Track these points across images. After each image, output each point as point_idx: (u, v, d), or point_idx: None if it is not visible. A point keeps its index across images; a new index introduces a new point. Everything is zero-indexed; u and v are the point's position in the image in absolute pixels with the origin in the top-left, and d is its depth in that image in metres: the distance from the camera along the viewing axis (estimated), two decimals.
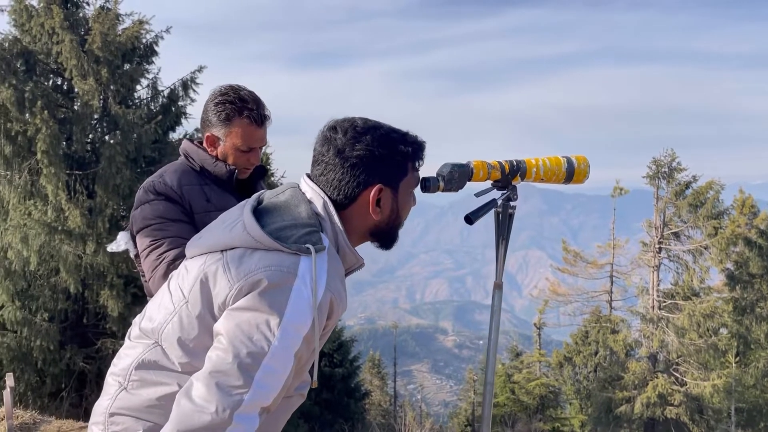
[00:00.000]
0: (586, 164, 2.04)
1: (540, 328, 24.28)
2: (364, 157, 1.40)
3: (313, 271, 1.29)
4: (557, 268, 22.60)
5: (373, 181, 1.42)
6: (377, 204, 1.43)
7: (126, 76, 9.62)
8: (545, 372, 24.18)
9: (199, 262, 1.39)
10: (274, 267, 1.28)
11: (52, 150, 8.59)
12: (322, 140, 1.44)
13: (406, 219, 1.54)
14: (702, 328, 17.35)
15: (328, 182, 1.42)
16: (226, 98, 2.13)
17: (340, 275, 1.39)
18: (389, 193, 1.45)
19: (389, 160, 1.43)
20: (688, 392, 17.47)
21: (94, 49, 9.06)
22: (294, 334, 1.27)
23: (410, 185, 1.50)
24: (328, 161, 1.41)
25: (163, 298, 1.45)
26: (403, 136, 1.47)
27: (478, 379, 28.60)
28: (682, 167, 18.67)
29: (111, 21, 9.43)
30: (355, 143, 1.40)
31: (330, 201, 1.41)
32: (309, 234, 1.33)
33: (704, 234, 17.94)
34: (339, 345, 19.41)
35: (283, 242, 1.31)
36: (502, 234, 2.05)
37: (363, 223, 1.46)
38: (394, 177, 1.45)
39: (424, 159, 1.52)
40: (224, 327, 1.27)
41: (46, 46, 9.36)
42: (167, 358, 1.37)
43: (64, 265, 8.82)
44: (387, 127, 1.46)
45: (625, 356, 19.57)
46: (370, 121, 1.47)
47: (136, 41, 9.77)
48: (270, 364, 1.24)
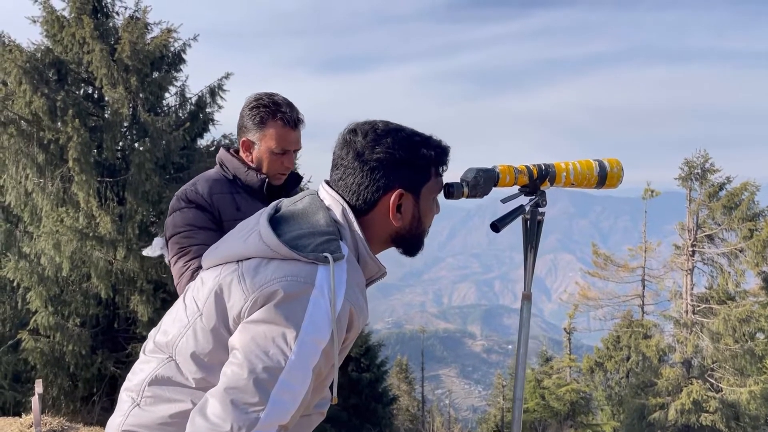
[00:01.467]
0: (619, 168, 1.94)
1: (570, 332, 23.96)
2: (385, 161, 1.34)
3: (331, 280, 1.23)
4: (587, 271, 22.27)
5: (394, 185, 1.36)
6: (398, 210, 1.37)
7: (155, 84, 9.75)
8: (576, 377, 23.86)
9: (214, 273, 1.35)
10: (291, 277, 1.23)
11: (83, 158, 8.73)
12: (341, 143, 1.39)
13: (429, 226, 1.48)
14: (738, 332, 16.91)
15: (347, 187, 1.36)
16: (260, 102, 2.17)
17: (360, 285, 1.33)
18: (411, 198, 1.39)
19: (411, 164, 1.37)
20: (724, 399, 17.05)
21: (124, 57, 9.20)
22: (312, 347, 1.21)
23: (433, 191, 1.44)
24: (348, 165, 1.36)
25: (178, 311, 1.40)
26: (425, 140, 1.41)
27: (507, 384, 28.34)
28: (715, 168, 18.27)
29: (140, 30, 9.58)
30: (375, 146, 1.34)
31: (349, 207, 1.36)
32: (327, 242, 1.28)
33: (739, 236, 17.50)
34: (366, 349, 19.39)
35: (300, 251, 1.25)
36: (531, 242, 1.96)
37: (384, 230, 1.40)
38: (415, 182, 1.39)
39: (447, 164, 1.46)
40: (239, 341, 1.22)
41: (77, 55, 9.53)
42: (181, 373, 1.32)
43: (95, 271, 8.96)
44: (409, 130, 1.41)
45: (659, 362, 19.18)
46: (391, 123, 1.41)
47: (164, 49, 9.91)
48: (287, 380, 1.19)
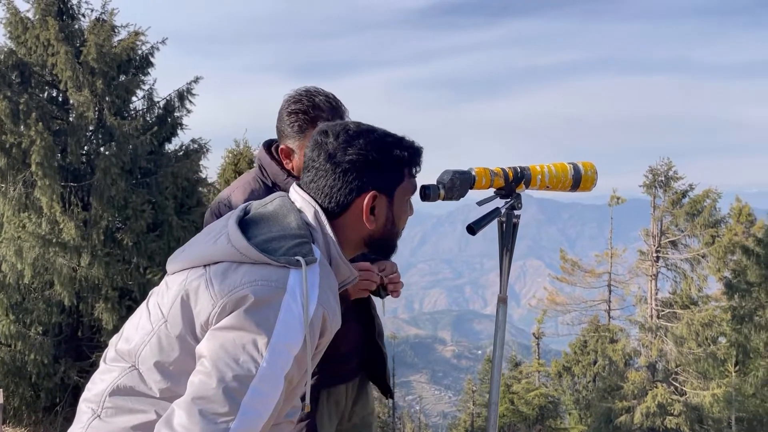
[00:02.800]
0: (593, 171, 1.96)
1: (539, 337, 24.22)
2: (357, 162, 1.32)
3: (303, 284, 1.20)
4: (555, 277, 22.57)
5: (367, 187, 1.34)
6: (371, 212, 1.36)
7: (121, 88, 9.60)
8: (544, 382, 24.11)
9: (180, 277, 1.29)
10: (261, 281, 1.19)
11: (46, 162, 8.55)
12: (312, 145, 1.36)
13: (403, 228, 1.46)
14: (701, 337, 17.30)
15: (319, 189, 1.34)
16: (299, 107, 1.97)
17: (333, 289, 1.30)
18: (384, 200, 1.37)
19: (384, 166, 1.35)
20: (688, 402, 17.40)
21: (90, 60, 9.05)
22: (284, 354, 1.18)
23: (407, 192, 1.42)
24: (319, 167, 1.34)
25: (141, 318, 1.34)
26: (398, 141, 1.39)
27: (477, 389, 28.49)
28: (678, 176, 18.71)
29: (106, 33, 9.43)
30: (348, 147, 1.32)
31: (321, 210, 1.33)
32: (299, 245, 1.24)
33: (701, 242, 17.93)
34: None
35: (271, 255, 1.21)
36: (506, 245, 1.96)
37: (357, 233, 1.38)
38: (389, 183, 1.37)
39: (421, 165, 1.45)
40: (207, 348, 1.17)
41: (42, 57, 9.34)
42: (144, 383, 1.26)
43: (58, 278, 8.76)
44: (381, 131, 1.39)
45: (624, 366, 19.51)
46: (363, 125, 1.40)
47: (131, 52, 9.77)
48: (258, 388, 1.15)
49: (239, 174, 12.22)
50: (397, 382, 33.10)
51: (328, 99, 2.01)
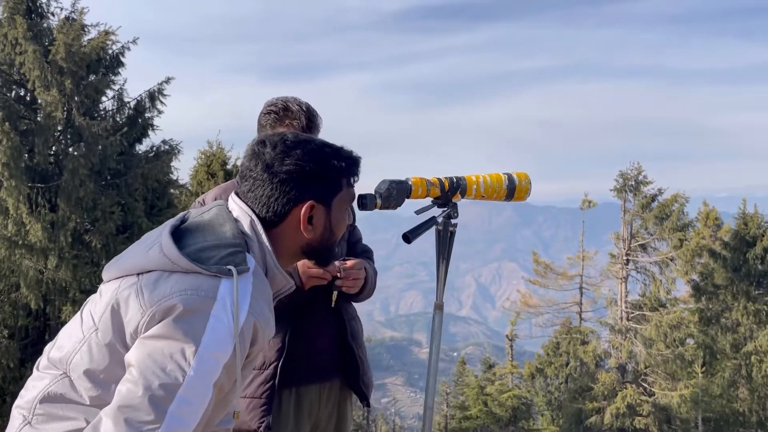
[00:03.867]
0: (527, 181, 2.02)
1: (512, 339, 24.37)
2: (294, 173, 1.33)
3: (234, 294, 1.21)
4: (528, 279, 22.78)
5: (305, 197, 1.35)
6: (309, 221, 1.37)
7: (91, 88, 9.50)
8: (517, 383, 24.27)
9: (113, 286, 1.30)
10: (191, 291, 1.20)
11: (12, 162, 8.43)
12: (250, 155, 1.37)
13: (341, 236, 1.48)
14: (669, 338, 17.58)
15: (257, 199, 1.34)
16: (271, 109, 2.15)
17: (266, 298, 1.31)
18: (322, 210, 1.38)
19: (321, 176, 1.37)
20: (657, 402, 17.67)
21: (58, 59, 8.94)
22: (212, 363, 1.19)
23: (345, 202, 1.44)
24: (257, 177, 1.34)
25: (74, 326, 1.34)
26: (336, 151, 1.41)
27: (450, 391, 28.59)
28: (648, 180, 19.02)
29: (76, 32, 9.33)
30: (285, 158, 1.33)
31: (258, 219, 1.34)
32: (232, 255, 1.25)
33: (670, 246, 18.25)
34: None
35: (203, 264, 1.22)
36: (443, 253, 2.00)
37: (295, 242, 1.39)
38: (326, 193, 1.38)
39: (359, 174, 1.46)
40: (135, 357, 1.18)
41: (9, 56, 9.21)
42: (75, 390, 1.27)
43: (24, 281, 8.63)
44: (319, 142, 1.41)
45: (595, 367, 19.75)
46: (301, 135, 1.41)
47: (101, 52, 9.68)
48: (185, 397, 1.15)
49: (212, 176, 12.13)
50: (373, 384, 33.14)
51: (300, 105, 2.15)
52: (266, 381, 2.09)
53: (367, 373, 2.31)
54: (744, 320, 18.53)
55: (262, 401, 2.07)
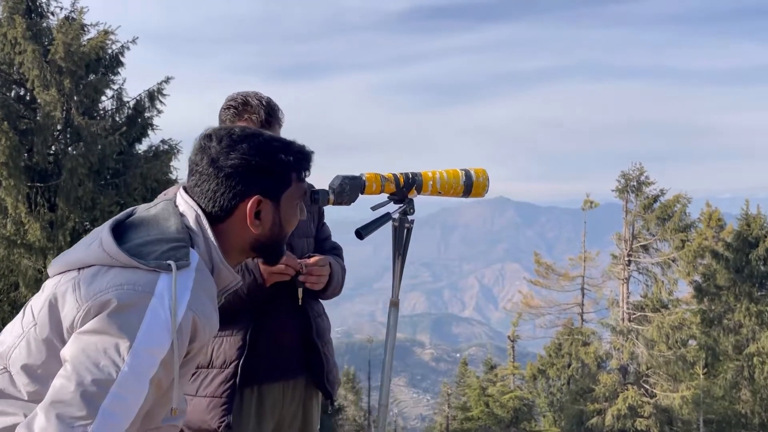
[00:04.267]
0: (485, 177, 1.99)
1: (514, 340, 24.33)
2: (240, 167, 1.31)
3: (173, 289, 1.19)
4: (530, 280, 22.74)
5: (251, 192, 1.33)
6: (256, 216, 1.35)
7: (90, 87, 9.51)
8: (519, 385, 24.23)
9: (54, 281, 1.29)
10: (127, 286, 1.19)
11: (11, 162, 8.43)
12: (196, 149, 1.35)
13: (290, 231, 1.46)
14: (671, 339, 17.53)
15: (203, 193, 1.33)
16: (230, 104, 2.14)
17: (209, 294, 1.30)
18: (270, 205, 1.36)
19: (269, 170, 1.35)
20: (658, 404, 17.61)
21: (57, 59, 8.95)
22: (148, 358, 1.17)
23: (295, 197, 1.42)
24: (202, 171, 1.33)
25: (16, 320, 1.33)
26: (285, 145, 1.39)
27: (452, 392, 28.56)
28: (650, 181, 18.97)
29: (75, 31, 9.33)
30: (231, 152, 1.32)
31: (203, 214, 1.32)
32: (174, 249, 1.24)
33: (672, 247, 18.18)
34: None
35: (143, 259, 1.22)
36: (399, 249, 1.96)
37: (242, 237, 1.37)
38: (274, 188, 1.37)
39: (310, 169, 1.45)
40: (70, 352, 1.17)
41: (9, 56, 9.22)
42: (14, 385, 1.25)
43: (23, 280, 8.64)
44: (267, 136, 1.39)
45: (597, 368, 19.70)
46: (249, 129, 1.39)
47: (101, 52, 9.69)
48: (119, 392, 1.14)
49: None
50: (374, 386, 33.01)
51: (260, 100, 2.13)
52: (227, 380, 2.06)
53: (332, 371, 2.28)
54: (746, 322, 18.45)
55: (223, 400, 2.05)
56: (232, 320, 2.07)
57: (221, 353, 2.08)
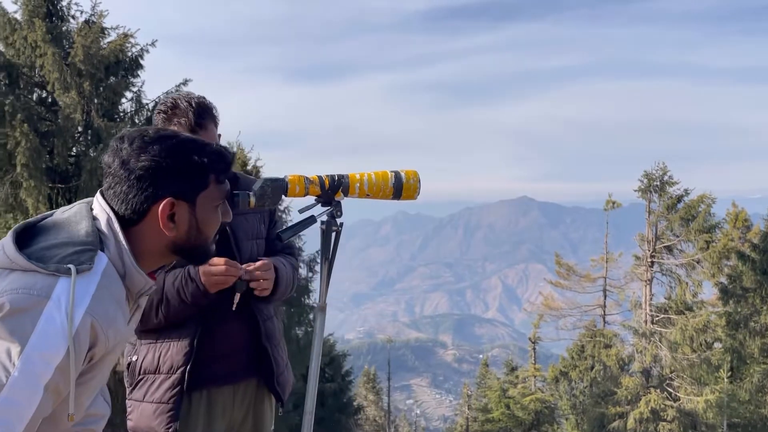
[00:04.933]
0: (416, 179, 1.94)
1: (535, 342, 24.15)
2: (151, 169, 1.30)
3: (71, 293, 1.18)
4: (551, 281, 22.53)
5: (163, 194, 1.31)
6: (170, 219, 1.33)
7: (109, 90, 9.63)
8: (541, 387, 24.04)
9: None
10: (22, 290, 1.17)
11: (32, 163, 8.57)
12: (109, 151, 1.34)
13: (213, 235, 1.44)
14: (695, 342, 17.20)
15: (116, 196, 1.32)
16: (160, 108, 2.12)
17: (115, 298, 1.28)
18: (185, 207, 1.35)
19: (181, 172, 1.32)
20: (682, 407, 17.31)
21: (77, 62, 9.07)
22: (41, 364, 1.16)
23: (213, 199, 1.39)
24: (114, 173, 1.31)
25: None
26: (200, 146, 1.36)
27: (473, 394, 28.43)
28: (673, 180, 18.62)
29: (95, 34, 9.45)
30: (141, 154, 1.30)
31: (116, 217, 1.31)
32: (78, 253, 1.23)
33: (696, 248, 17.84)
34: (330, 359, 19.29)
35: (44, 262, 1.20)
36: (326, 253, 1.94)
37: (158, 241, 1.35)
38: (189, 190, 1.34)
39: (229, 170, 1.41)
40: None
41: (30, 59, 9.36)
42: None
43: None
44: (182, 137, 1.37)
45: (619, 371, 19.43)
46: (164, 131, 1.37)
47: (120, 54, 9.78)
48: (9, 398, 1.13)
49: None
50: (396, 386, 32.97)
51: (190, 102, 2.09)
52: (173, 386, 2.06)
53: (283, 373, 2.27)
54: None
55: (169, 406, 2.05)
56: (179, 326, 2.07)
57: (168, 359, 2.07)
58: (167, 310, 2.02)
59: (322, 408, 17.85)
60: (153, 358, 2.08)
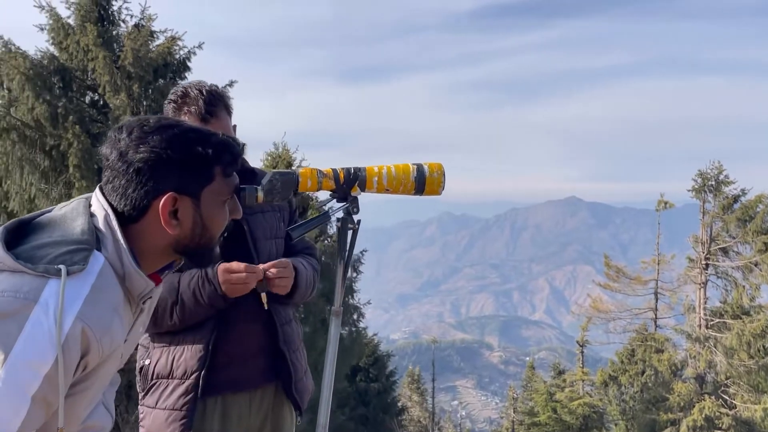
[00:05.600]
0: (440, 173, 1.79)
1: (583, 345, 23.67)
2: (150, 161, 1.19)
3: (60, 296, 1.09)
4: (599, 283, 22.01)
5: (164, 188, 1.21)
6: (173, 215, 1.24)
7: (157, 92, 9.82)
8: (589, 391, 23.55)
9: None
10: (8, 292, 1.09)
11: (83, 164, 8.81)
12: (107, 142, 1.24)
13: (219, 232, 1.32)
14: (753, 348, 16.52)
15: (114, 191, 1.22)
16: (170, 97, 2.06)
17: (111, 302, 1.19)
18: (189, 202, 1.24)
19: (184, 164, 1.22)
20: (738, 416, 16.65)
21: (126, 65, 9.29)
22: (26, 372, 1.07)
23: (220, 194, 1.28)
24: (112, 166, 1.21)
25: None
26: (204, 136, 1.26)
27: (518, 396, 28.06)
28: (729, 180, 17.91)
29: (144, 38, 9.66)
30: (140, 145, 1.20)
31: (114, 214, 1.21)
32: (71, 252, 1.14)
33: (754, 250, 17.11)
34: (375, 359, 19.31)
35: (33, 263, 1.12)
36: (341, 254, 1.81)
37: (161, 239, 1.25)
38: (192, 184, 1.24)
39: (236, 164, 1.30)
40: None
41: (82, 62, 9.64)
42: None
43: None
44: (184, 127, 1.26)
45: (671, 376, 18.83)
46: (166, 119, 1.26)
47: (168, 57, 9.98)
48: None
49: None
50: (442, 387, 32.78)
51: (201, 90, 2.00)
52: (187, 392, 1.98)
53: (302, 380, 2.17)
54: None
55: (182, 413, 1.97)
56: (193, 329, 2.00)
57: (182, 363, 1.99)
58: (182, 312, 1.95)
59: (365, 407, 17.89)
60: (166, 362, 2.01)
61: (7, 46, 9.28)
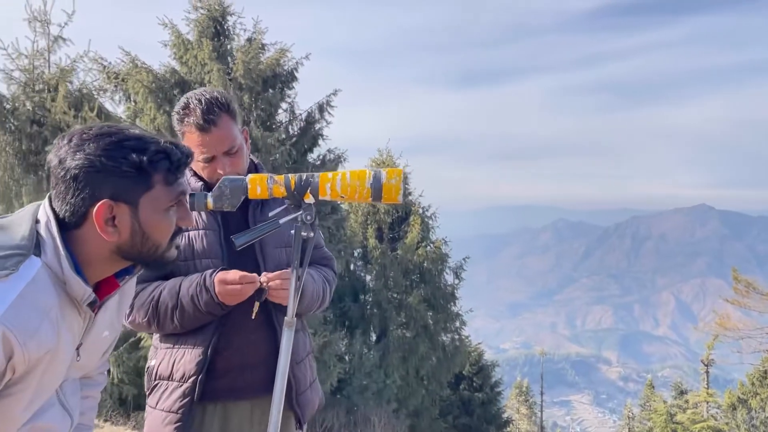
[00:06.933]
0: (398, 179, 1.71)
1: (708, 364, 22.07)
2: (85, 168, 1.23)
3: None
4: (726, 299, 20.40)
5: (100, 195, 1.24)
6: (110, 222, 1.26)
7: (266, 102, 10.28)
8: (714, 413, 21.92)
9: None
10: None
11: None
12: (52, 148, 1.28)
13: (167, 240, 1.34)
14: None
15: (57, 197, 1.26)
16: (175, 109, 2.09)
17: (41, 307, 1.21)
18: (126, 210, 1.27)
19: (118, 172, 1.24)
20: None
21: (238, 77, 9.81)
22: None
23: (161, 201, 1.30)
24: (54, 172, 1.26)
25: None
26: (142, 144, 1.27)
27: (634, 416, 26.59)
28: None
29: (254, 51, 10.16)
30: (77, 152, 1.23)
31: (55, 220, 1.25)
32: (4, 258, 1.18)
33: None
34: (479, 368, 18.98)
35: None
36: (294, 263, 1.77)
37: (101, 246, 1.28)
38: (128, 191, 1.26)
39: (177, 171, 1.30)
40: None
41: (200, 75, 10.28)
42: None
43: None
44: (124, 134, 1.27)
45: None
46: (108, 127, 1.29)
47: (277, 68, 10.43)
48: None
49: None
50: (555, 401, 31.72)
51: (200, 99, 2.01)
52: (184, 395, 1.97)
53: (305, 393, 2.11)
54: None
55: (178, 416, 1.97)
56: (195, 332, 2.00)
57: (181, 366, 2.00)
58: (182, 317, 1.96)
59: (469, 417, 17.63)
60: (168, 364, 2.02)
61: (133, 62, 10.08)
